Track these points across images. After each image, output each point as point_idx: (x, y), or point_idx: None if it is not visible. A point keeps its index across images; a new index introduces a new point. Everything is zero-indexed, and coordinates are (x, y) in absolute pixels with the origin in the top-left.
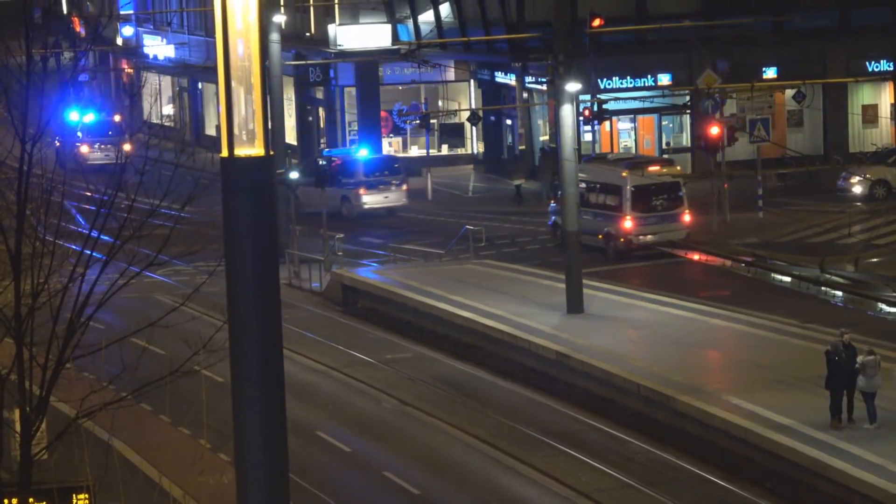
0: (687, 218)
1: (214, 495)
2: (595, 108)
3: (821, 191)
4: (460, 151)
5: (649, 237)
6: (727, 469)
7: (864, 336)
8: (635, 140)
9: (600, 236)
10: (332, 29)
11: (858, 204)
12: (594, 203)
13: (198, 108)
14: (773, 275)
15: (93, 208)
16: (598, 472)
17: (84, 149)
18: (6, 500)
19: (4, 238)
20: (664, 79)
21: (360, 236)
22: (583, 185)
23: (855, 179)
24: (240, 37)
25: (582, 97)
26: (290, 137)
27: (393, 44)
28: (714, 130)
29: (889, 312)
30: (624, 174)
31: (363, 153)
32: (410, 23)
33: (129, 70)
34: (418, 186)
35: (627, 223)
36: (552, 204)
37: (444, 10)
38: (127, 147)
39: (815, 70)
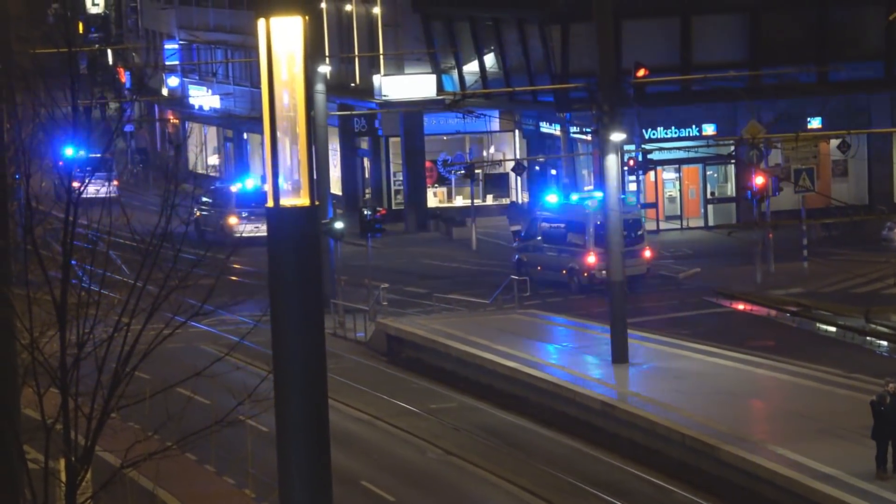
0: (647, 254)
1: None
2: (640, 158)
3: (865, 241)
4: (505, 201)
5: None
6: None
7: None
8: (680, 189)
9: (564, 271)
10: (377, 79)
11: None
12: (558, 240)
13: (244, 158)
14: (817, 325)
15: (137, 258)
16: None
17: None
18: None
19: (50, 288)
20: (709, 129)
21: (404, 286)
22: (545, 223)
23: None
24: (285, 87)
25: (626, 147)
26: (336, 188)
27: (438, 94)
28: (759, 180)
29: None
30: (587, 212)
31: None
32: (455, 73)
33: (175, 120)
34: (463, 237)
35: (591, 258)
36: (515, 242)
37: (489, 60)
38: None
39: (860, 120)
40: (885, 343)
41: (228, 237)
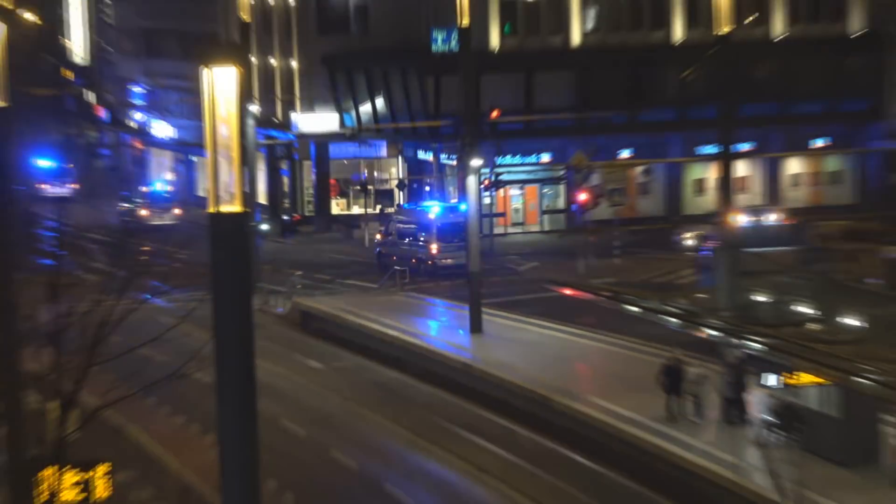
0: None
1: (202, 467)
2: (493, 179)
3: (662, 244)
4: (390, 210)
5: (448, 260)
6: (591, 452)
7: (693, 353)
8: (523, 203)
9: (413, 260)
10: (294, 116)
11: (689, 254)
12: (410, 237)
13: (192, 175)
14: (625, 306)
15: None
16: (493, 454)
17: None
18: (48, 470)
19: (47, 274)
20: (545, 157)
21: (314, 273)
22: (400, 224)
23: (687, 235)
24: (223, 122)
25: (483, 170)
26: (262, 199)
27: (340, 128)
28: (582, 197)
29: (711, 335)
30: (432, 216)
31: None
32: (353, 112)
33: (140, 146)
34: (359, 237)
35: (433, 250)
36: (377, 237)
37: (379, 102)
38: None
39: (660, 152)
40: (674, 320)
41: (142, 225)
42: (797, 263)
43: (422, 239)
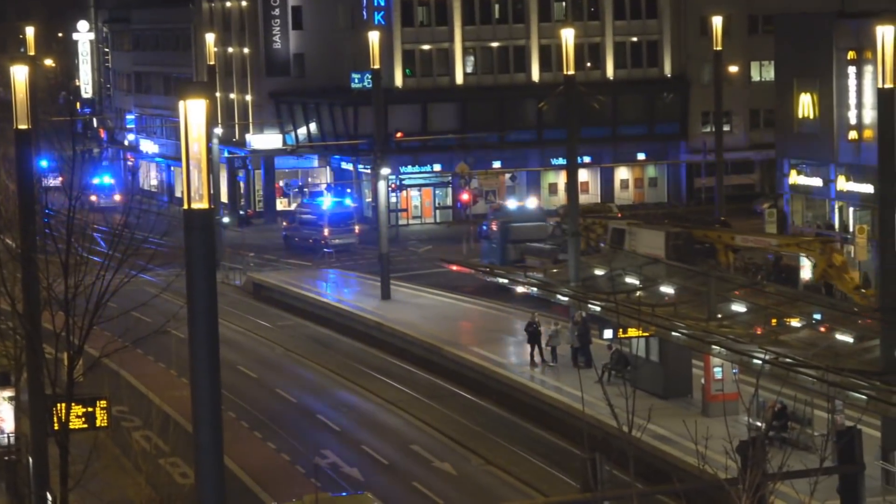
0: (356, 229)
1: (178, 401)
2: (399, 183)
3: None
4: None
5: (338, 240)
6: (473, 389)
7: (548, 313)
8: (420, 201)
9: (310, 240)
10: (248, 137)
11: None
12: (308, 224)
13: (170, 180)
14: (498, 279)
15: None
16: (398, 390)
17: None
18: (60, 405)
19: (59, 254)
20: (437, 167)
21: (264, 255)
22: (302, 214)
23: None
24: (195, 140)
25: (390, 176)
26: (224, 198)
27: (282, 146)
28: (465, 196)
29: (563, 300)
30: (324, 207)
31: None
32: (293, 133)
33: (132, 159)
34: None
35: (326, 233)
36: (284, 224)
37: (312, 126)
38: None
39: (522, 163)
40: (535, 289)
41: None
42: (547, 234)
43: (318, 224)
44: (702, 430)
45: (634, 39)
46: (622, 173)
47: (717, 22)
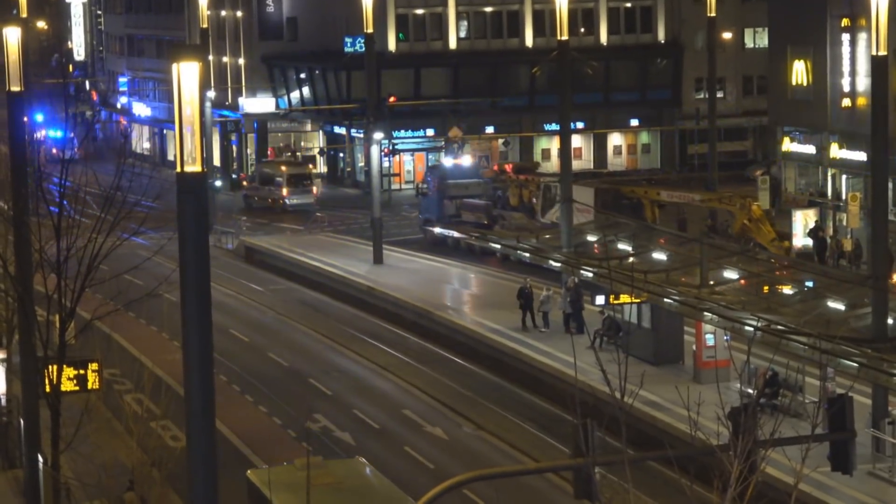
0: (315, 190)
1: (170, 364)
2: (391, 148)
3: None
4: (316, 171)
5: (295, 200)
6: (464, 353)
7: (541, 279)
8: (413, 165)
9: (270, 200)
10: (241, 100)
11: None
12: (269, 184)
13: (163, 144)
14: (491, 245)
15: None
16: (390, 355)
17: None
18: (52, 367)
19: (51, 216)
20: (430, 132)
21: (256, 219)
22: (262, 174)
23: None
24: (188, 104)
25: (383, 142)
26: (217, 162)
27: (275, 109)
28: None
29: (552, 266)
30: (283, 168)
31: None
32: (286, 97)
33: (124, 122)
34: None
35: (284, 192)
36: (244, 184)
37: (305, 90)
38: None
39: (515, 128)
40: (527, 255)
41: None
42: (482, 191)
43: (277, 183)
44: (693, 397)
45: (628, 5)
46: (615, 139)
47: None
